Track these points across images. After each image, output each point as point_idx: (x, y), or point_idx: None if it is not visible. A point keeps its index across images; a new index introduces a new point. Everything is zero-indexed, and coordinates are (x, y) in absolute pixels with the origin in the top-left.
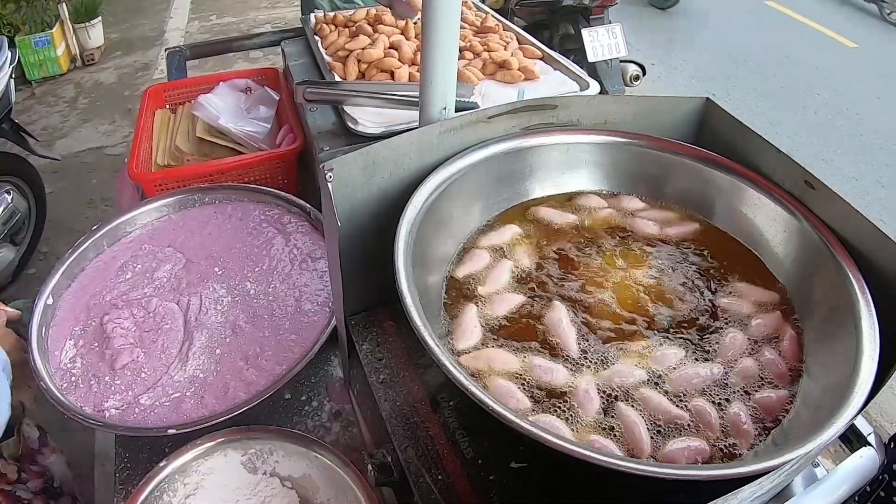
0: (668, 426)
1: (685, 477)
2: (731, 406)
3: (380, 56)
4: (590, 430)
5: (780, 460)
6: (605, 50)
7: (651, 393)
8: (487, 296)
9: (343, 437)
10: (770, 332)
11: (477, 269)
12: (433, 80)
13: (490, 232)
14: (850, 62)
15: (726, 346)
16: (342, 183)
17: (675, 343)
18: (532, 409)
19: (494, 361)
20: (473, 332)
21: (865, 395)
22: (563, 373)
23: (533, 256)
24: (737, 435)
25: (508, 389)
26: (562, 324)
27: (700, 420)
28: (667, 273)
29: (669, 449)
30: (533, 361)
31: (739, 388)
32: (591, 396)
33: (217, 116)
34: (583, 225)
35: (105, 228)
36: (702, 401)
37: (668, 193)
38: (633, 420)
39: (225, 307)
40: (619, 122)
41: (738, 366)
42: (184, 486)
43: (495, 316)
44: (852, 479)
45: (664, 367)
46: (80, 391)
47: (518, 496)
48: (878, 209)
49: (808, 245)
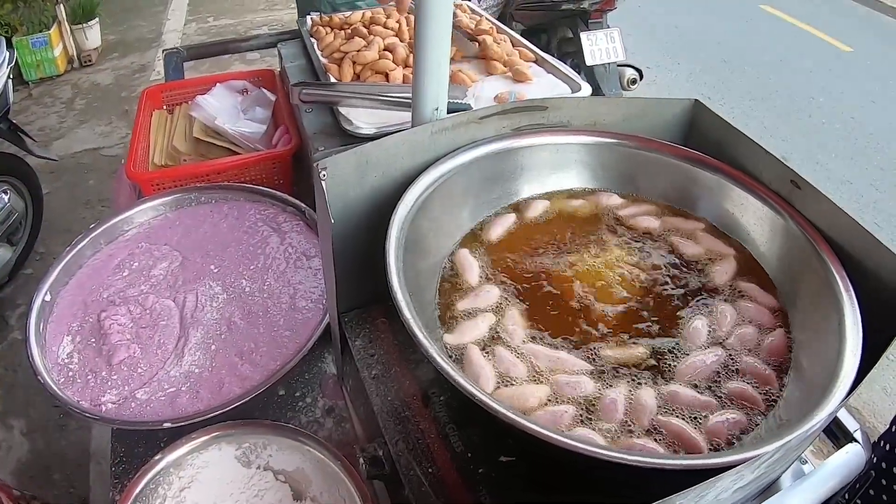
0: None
1: (664, 466)
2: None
3: (374, 58)
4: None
5: (755, 452)
6: (604, 54)
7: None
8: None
9: (336, 432)
10: (759, 326)
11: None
12: (425, 82)
13: (481, 229)
14: (844, 66)
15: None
16: (335, 182)
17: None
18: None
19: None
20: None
21: (846, 391)
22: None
23: (519, 251)
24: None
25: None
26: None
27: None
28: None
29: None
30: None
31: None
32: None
33: (214, 117)
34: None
35: (102, 227)
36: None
37: (657, 192)
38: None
39: (220, 304)
40: (609, 124)
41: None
42: (179, 480)
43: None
44: (838, 476)
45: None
46: (78, 386)
47: (506, 489)
48: (873, 212)
49: (794, 244)
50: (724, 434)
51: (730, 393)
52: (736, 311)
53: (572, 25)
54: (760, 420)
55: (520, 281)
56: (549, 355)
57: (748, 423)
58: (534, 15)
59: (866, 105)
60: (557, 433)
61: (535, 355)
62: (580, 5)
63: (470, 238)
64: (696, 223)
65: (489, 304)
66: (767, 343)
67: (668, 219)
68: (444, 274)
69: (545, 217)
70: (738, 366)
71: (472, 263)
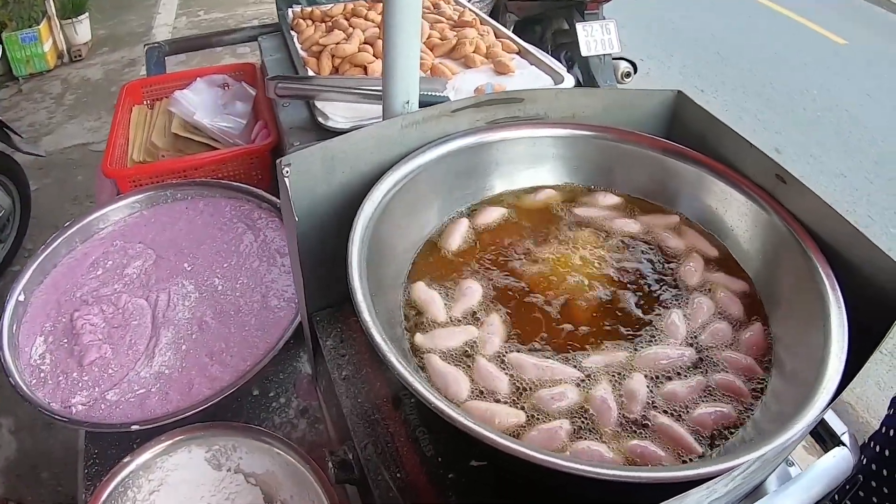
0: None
1: (630, 479)
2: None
3: (353, 51)
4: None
5: (729, 465)
6: (599, 45)
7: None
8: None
9: (310, 434)
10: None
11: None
12: (395, 74)
13: (450, 226)
14: (839, 59)
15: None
16: (302, 178)
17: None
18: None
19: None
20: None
21: (829, 397)
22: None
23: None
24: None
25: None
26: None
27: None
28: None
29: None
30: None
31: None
32: (609, 405)
33: (193, 112)
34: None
35: (77, 225)
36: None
37: (636, 186)
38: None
39: (192, 303)
40: (589, 116)
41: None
42: (148, 483)
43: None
44: (825, 480)
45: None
46: (49, 387)
47: (476, 494)
48: (866, 206)
49: (778, 239)
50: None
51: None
52: (714, 306)
53: (568, 16)
54: (746, 420)
55: (495, 280)
56: (530, 363)
57: (736, 419)
58: (529, 5)
59: (861, 99)
60: (518, 443)
61: (517, 365)
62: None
63: (436, 238)
64: (673, 217)
65: (465, 306)
66: (745, 339)
67: (642, 217)
68: (412, 274)
69: (515, 214)
70: (717, 366)
71: (441, 264)
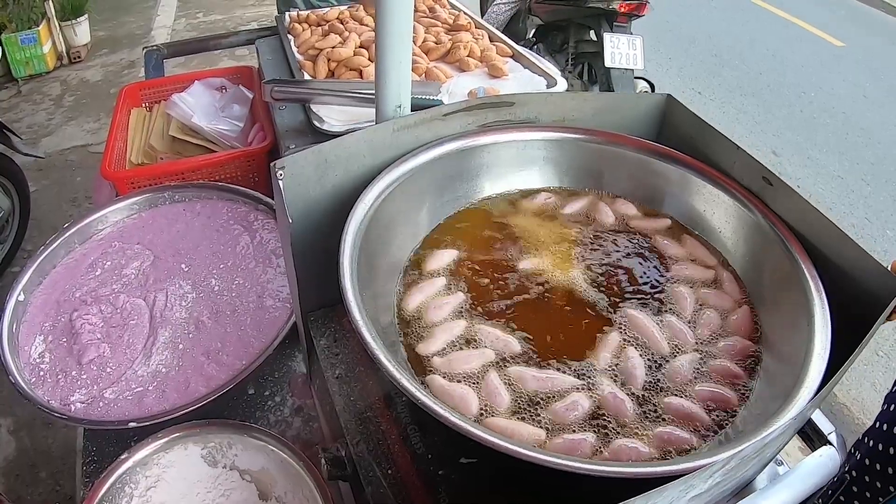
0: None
1: (610, 474)
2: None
3: (349, 55)
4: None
5: (704, 462)
6: (623, 59)
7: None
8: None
9: (304, 431)
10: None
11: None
12: (387, 78)
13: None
14: (836, 60)
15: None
16: (295, 181)
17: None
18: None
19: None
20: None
21: (812, 393)
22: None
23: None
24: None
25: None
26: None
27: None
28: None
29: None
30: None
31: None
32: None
33: (190, 115)
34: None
35: (76, 227)
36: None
37: (624, 189)
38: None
39: (189, 303)
40: (578, 119)
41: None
42: (145, 479)
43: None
44: (812, 479)
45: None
46: (48, 385)
47: (466, 490)
48: (863, 207)
49: (764, 241)
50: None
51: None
52: (698, 304)
53: (595, 25)
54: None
55: (488, 285)
56: (535, 377)
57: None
58: (555, 10)
59: (858, 100)
60: (503, 439)
61: (520, 379)
62: (610, 4)
63: (430, 240)
64: (663, 220)
65: (455, 308)
66: (733, 336)
67: (632, 221)
68: (406, 275)
69: (506, 216)
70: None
71: (435, 267)
